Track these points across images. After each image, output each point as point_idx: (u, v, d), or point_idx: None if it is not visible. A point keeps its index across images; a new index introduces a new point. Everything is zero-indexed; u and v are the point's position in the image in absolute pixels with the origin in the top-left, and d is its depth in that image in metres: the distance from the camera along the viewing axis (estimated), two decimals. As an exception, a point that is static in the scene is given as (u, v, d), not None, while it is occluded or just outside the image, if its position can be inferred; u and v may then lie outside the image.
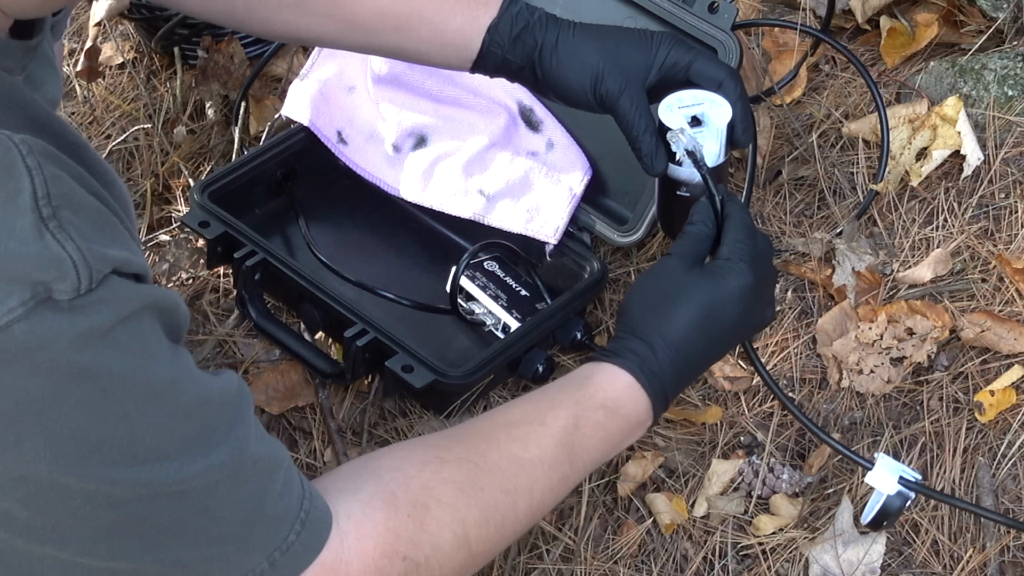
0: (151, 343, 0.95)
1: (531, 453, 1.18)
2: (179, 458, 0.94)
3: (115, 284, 0.91)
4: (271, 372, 1.66)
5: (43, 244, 0.88)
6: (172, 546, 0.96)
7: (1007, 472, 1.54)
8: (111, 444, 0.91)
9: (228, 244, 1.63)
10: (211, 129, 1.92)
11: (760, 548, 1.52)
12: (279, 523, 1.01)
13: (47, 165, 0.90)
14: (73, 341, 0.89)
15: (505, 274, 1.66)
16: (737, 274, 1.27)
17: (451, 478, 1.12)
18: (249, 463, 1.00)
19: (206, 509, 0.97)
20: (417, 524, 1.08)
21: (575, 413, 1.23)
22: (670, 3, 1.66)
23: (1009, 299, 1.63)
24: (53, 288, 0.88)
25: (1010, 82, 1.76)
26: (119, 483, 0.92)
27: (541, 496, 1.19)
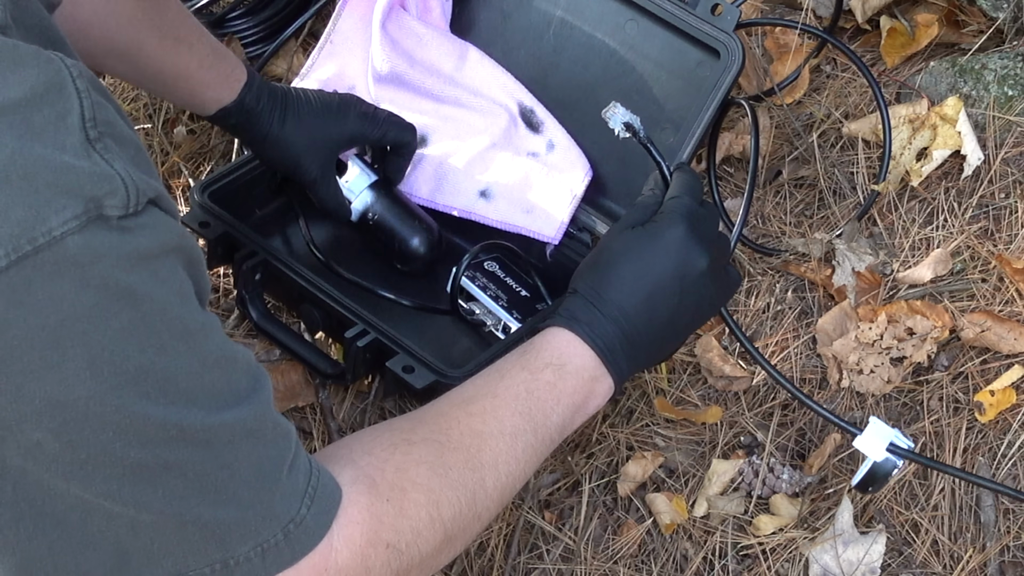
0: (185, 286, 0.96)
1: (490, 426, 1.19)
2: (205, 405, 0.95)
3: (156, 214, 0.93)
4: (272, 372, 1.66)
5: (93, 161, 0.89)
6: (194, 500, 0.97)
7: (1007, 472, 1.54)
8: (147, 376, 0.92)
9: (228, 244, 1.63)
10: (211, 129, 1.92)
11: (760, 548, 1.52)
12: (293, 494, 1.02)
13: (94, 92, 0.92)
14: (121, 260, 0.90)
15: (506, 275, 1.66)
16: (668, 224, 1.31)
17: (421, 459, 1.13)
18: (270, 425, 1.01)
19: (228, 464, 0.97)
20: (397, 508, 1.08)
21: (524, 378, 1.24)
22: (672, 4, 1.66)
23: (1009, 299, 1.63)
24: (104, 204, 0.89)
25: (1010, 82, 1.76)
26: (151, 420, 0.93)
27: (507, 468, 1.19)
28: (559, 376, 1.26)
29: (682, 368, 1.66)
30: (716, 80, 1.62)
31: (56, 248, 0.87)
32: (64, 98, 0.90)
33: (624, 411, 1.64)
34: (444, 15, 1.80)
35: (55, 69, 0.91)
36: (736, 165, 1.81)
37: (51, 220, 0.87)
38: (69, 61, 0.92)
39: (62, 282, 0.88)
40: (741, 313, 1.69)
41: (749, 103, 1.69)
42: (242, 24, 1.98)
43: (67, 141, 0.89)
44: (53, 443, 0.92)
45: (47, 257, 0.87)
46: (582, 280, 1.32)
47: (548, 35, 1.76)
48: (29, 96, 0.89)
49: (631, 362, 1.30)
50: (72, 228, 0.87)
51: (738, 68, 1.61)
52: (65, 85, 0.91)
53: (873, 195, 1.73)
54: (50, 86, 0.90)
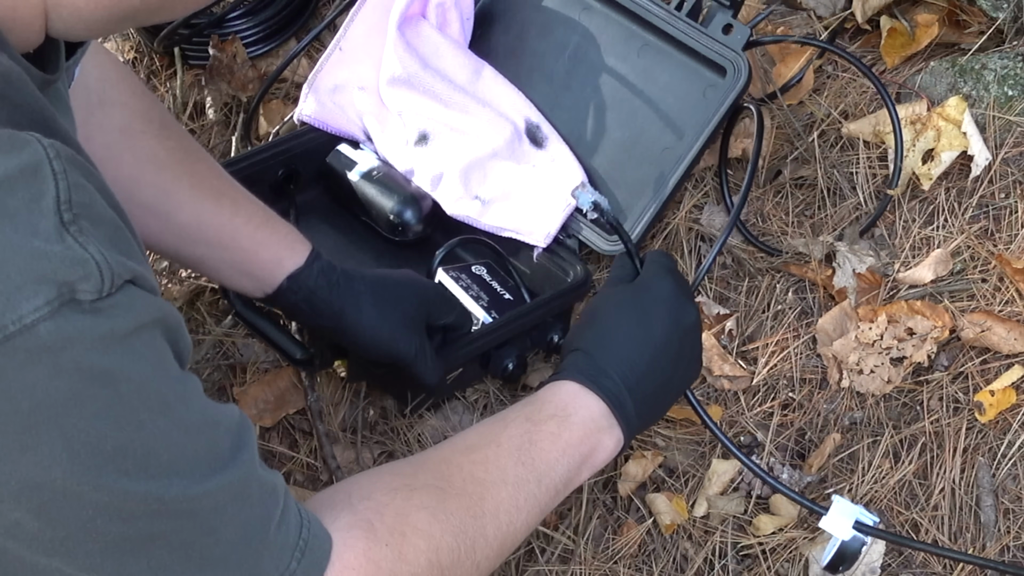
0: (164, 357, 0.95)
1: (492, 475, 1.19)
2: (188, 476, 0.94)
3: (133, 292, 0.92)
4: (258, 384, 1.67)
5: (65, 245, 0.88)
6: (179, 569, 0.96)
7: (1007, 472, 1.53)
8: (126, 454, 0.91)
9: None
10: (211, 129, 1.92)
11: (760, 548, 1.52)
12: (282, 550, 1.01)
13: (72, 172, 0.90)
14: (95, 343, 0.88)
15: (492, 278, 1.67)
16: (657, 278, 1.35)
17: (422, 504, 1.12)
18: (255, 486, 1.00)
19: (213, 530, 0.97)
20: (396, 553, 1.08)
21: (527, 429, 1.24)
22: (685, 25, 1.69)
23: (1009, 299, 1.63)
24: (77, 288, 0.87)
25: (1010, 82, 1.76)
26: (131, 496, 0.92)
27: (508, 517, 1.19)
28: (563, 427, 1.25)
29: (681, 368, 1.66)
30: (721, 97, 1.66)
31: (27, 335, 0.86)
32: (39, 180, 0.88)
33: (624, 411, 1.64)
34: (464, 32, 1.81)
35: (31, 151, 0.89)
36: (736, 167, 1.81)
37: (22, 307, 0.85)
38: (47, 142, 0.90)
39: (34, 369, 0.86)
40: (741, 313, 1.69)
41: (755, 105, 1.71)
42: (242, 24, 1.98)
43: (40, 225, 0.87)
44: (32, 522, 0.91)
45: (18, 344, 0.85)
46: (580, 338, 1.33)
47: (563, 59, 1.80)
48: (2, 180, 0.87)
49: (640, 414, 1.30)
50: (44, 315, 0.86)
51: (743, 85, 1.65)
52: (40, 167, 0.88)
53: (886, 200, 1.72)
54: (24, 168, 0.88)
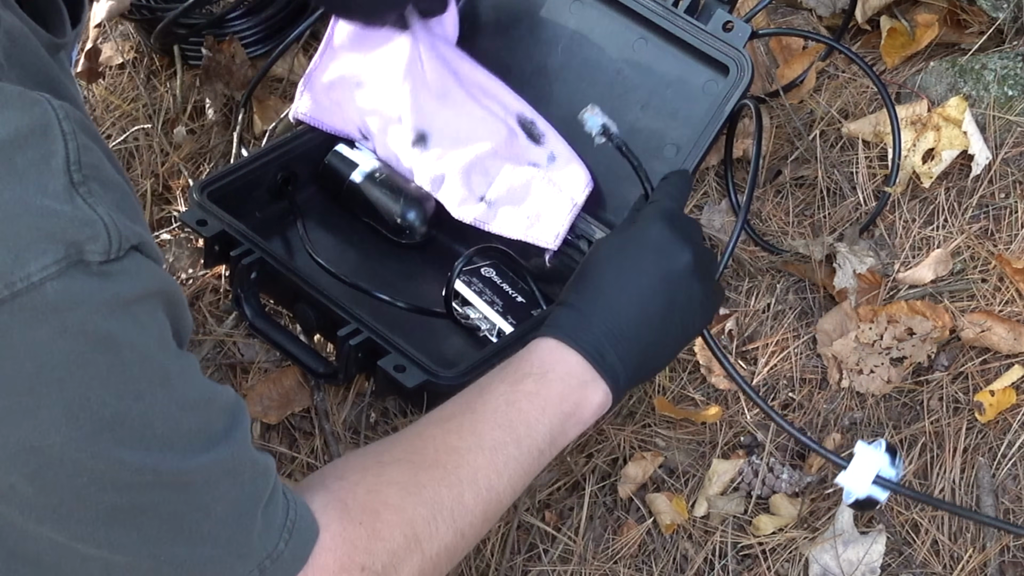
0: (164, 330, 0.96)
1: (467, 441, 1.17)
2: (182, 450, 0.95)
3: (138, 259, 0.92)
4: (264, 382, 1.66)
5: (75, 205, 0.88)
6: (168, 541, 0.96)
7: (1007, 472, 1.53)
8: (124, 422, 0.91)
9: (226, 242, 1.63)
10: (211, 129, 1.92)
11: (760, 548, 1.52)
12: (270, 530, 1.01)
13: (81, 135, 0.91)
14: (100, 306, 0.89)
15: (502, 280, 1.67)
16: (646, 224, 1.29)
17: (393, 480, 1.12)
18: (247, 465, 1.01)
19: (204, 505, 0.97)
20: (370, 531, 1.08)
21: (503, 391, 1.22)
22: (684, 21, 1.67)
23: (1009, 299, 1.63)
24: (85, 249, 0.88)
25: (1010, 82, 1.76)
26: (126, 465, 0.92)
27: (488, 482, 1.17)
28: (541, 384, 1.23)
29: (682, 367, 1.66)
30: (724, 96, 1.64)
31: (34, 294, 0.86)
32: (49, 140, 0.89)
33: (624, 411, 1.64)
34: (452, 25, 1.80)
35: (41, 111, 0.89)
36: (736, 166, 1.81)
37: (30, 265, 0.86)
38: (56, 103, 0.90)
39: (40, 328, 0.87)
40: (741, 313, 1.69)
41: (755, 103, 1.70)
42: (242, 24, 1.98)
43: (50, 184, 0.88)
44: (27, 487, 0.91)
45: (25, 303, 0.86)
46: (567, 291, 1.31)
47: (556, 51, 1.78)
48: (12, 137, 0.87)
49: (628, 366, 1.26)
50: (51, 274, 0.86)
51: (746, 84, 1.63)
52: (50, 127, 0.89)
53: (885, 198, 1.72)
54: (35, 127, 0.89)
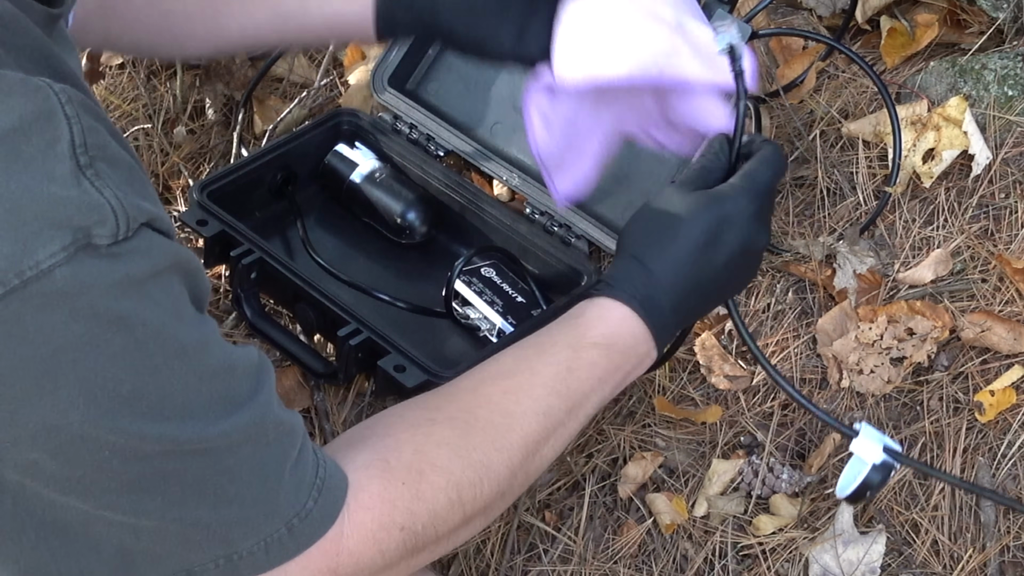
0: (180, 302, 0.96)
1: (523, 405, 1.15)
2: (203, 417, 0.95)
3: (149, 236, 0.92)
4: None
5: (82, 190, 0.89)
6: (193, 505, 0.97)
7: (1007, 472, 1.53)
8: (142, 397, 0.92)
9: (225, 243, 1.63)
10: (211, 129, 1.92)
11: (760, 548, 1.52)
12: (298, 489, 1.02)
13: (85, 116, 0.91)
14: (111, 287, 0.89)
15: (502, 280, 1.67)
16: (745, 196, 1.21)
17: (443, 440, 1.11)
18: (271, 426, 1.00)
19: (228, 469, 0.98)
20: (413, 492, 1.07)
21: (567, 356, 1.18)
22: None
23: (1009, 299, 1.63)
24: (93, 233, 0.88)
25: (1010, 82, 1.76)
26: (147, 437, 0.93)
27: (538, 447, 1.15)
28: (605, 355, 1.19)
29: (682, 367, 1.66)
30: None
31: (44, 280, 0.87)
32: (53, 125, 0.89)
33: (624, 411, 1.64)
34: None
35: (43, 96, 0.90)
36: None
37: (39, 253, 0.87)
38: (58, 87, 0.91)
39: (52, 314, 0.87)
40: (741, 313, 1.69)
41: (755, 103, 1.70)
42: (242, 25, 1.98)
43: (56, 170, 0.88)
44: (50, 462, 0.92)
45: (35, 290, 0.87)
46: (642, 243, 1.21)
47: None
48: (17, 125, 0.88)
49: (677, 330, 1.24)
50: (60, 260, 0.87)
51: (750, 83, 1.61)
52: (54, 112, 0.89)
53: (886, 198, 1.72)
54: (39, 114, 0.89)
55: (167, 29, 1.38)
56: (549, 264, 1.69)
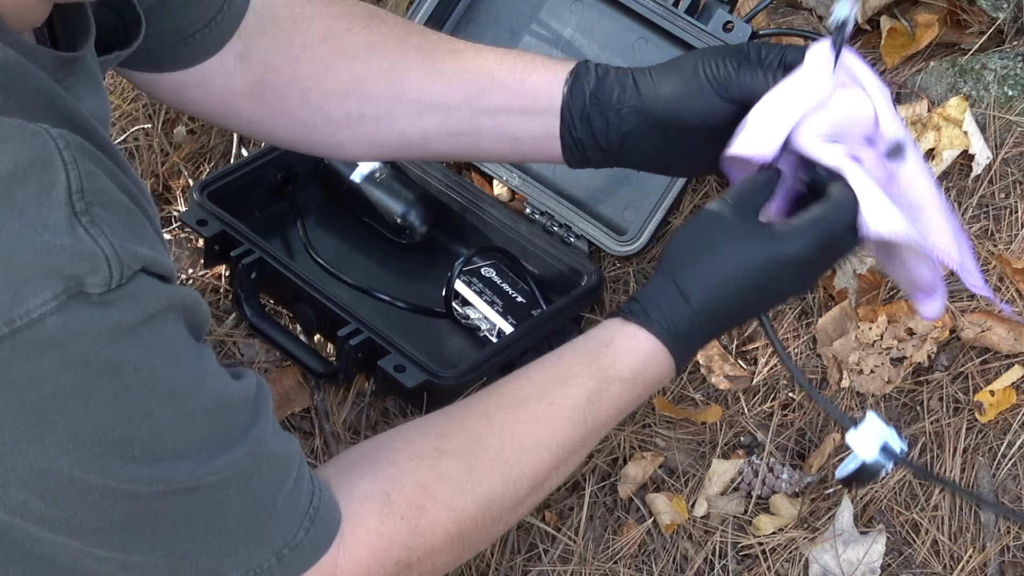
0: (174, 343, 0.95)
1: (537, 436, 1.12)
2: (196, 457, 0.95)
3: (143, 282, 0.92)
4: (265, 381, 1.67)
5: (76, 237, 0.88)
6: (183, 540, 0.97)
7: (1007, 472, 1.53)
8: (132, 442, 0.92)
9: (225, 243, 1.63)
10: (211, 129, 1.92)
11: (760, 548, 1.52)
12: (289, 519, 1.01)
13: (83, 160, 0.90)
14: (102, 335, 0.89)
15: (502, 280, 1.67)
16: (804, 244, 1.13)
17: (448, 474, 1.09)
18: (264, 461, 1.00)
19: (218, 504, 0.97)
20: (411, 527, 1.06)
21: (589, 389, 1.13)
22: (684, 21, 1.66)
23: (1009, 299, 1.63)
24: (85, 281, 0.88)
25: (1010, 82, 1.76)
26: (137, 480, 0.92)
27: (547, 478, 1.14)
28: (628, 390, 1.15)
29: (681, 367, 1.66)
30: None
31: (35, 329, 0.86)
32: (49, 171, 0.88)
33: (624, 411, 1.64)
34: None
35: (40, 142, 0.89)
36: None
37: (29, 301, 0.86)
38: (55, 132, 0.90)
39: (41, 362, 0.87)
40: (741, 313, 1.69)
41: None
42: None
43: (50, 217, 0.87)
44: (39, 503, 0.92)
45: (25, 338, 0.86)
46: (683, 269, 1.15)
47: (556, 51, 1.77)
48: (12, 171, 0.87)
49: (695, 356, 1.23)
50: (51, 308, 0.86)
51: None
52: (51, 158, 0.88)
53: None
54: (34, 160, 0.88)
55: (327, 132, 1.30)
56: (549, 264, 1.69)
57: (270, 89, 1.29)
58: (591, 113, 1.23)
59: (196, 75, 1.27)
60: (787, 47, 1.21)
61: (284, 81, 1.28)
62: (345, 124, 1.29)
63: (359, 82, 1.27)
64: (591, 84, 1.23)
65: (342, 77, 1.27)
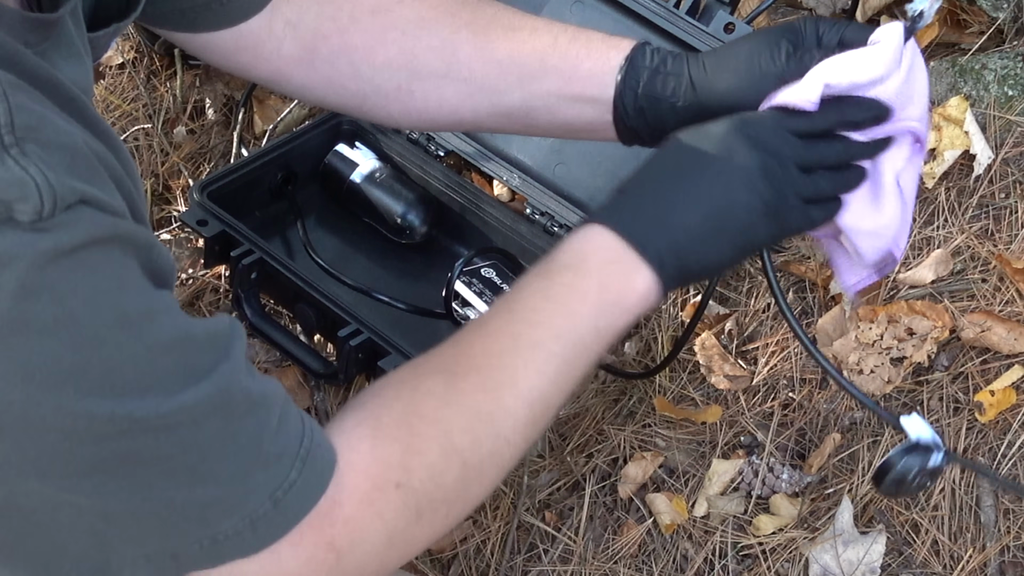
0: (122, 272, 0.91)
1: (503, 343, 1.10)
2: (160, 392, 0.91)
3: (83, 211, 0.88)
4: (265, 380, 1.67)
5: (5, 167, 0.85)
6: (161, 485, 0.93)
7: (1007, 472, 1.53)
8: (85, 372, 0.88)
9: (226, 243, 1.63)
10: (211, 129, 1.92)
11: (760, 548, 1.52)
12: (278, 461, 0.97)
13: (16, 96, 0.87)
14: (36, 258, 0.85)
15: (502, 281, 1.67)
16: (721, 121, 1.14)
17: (430, 390, 1.07)
18: (240, 398, 0.96)
19: (195, 445, 0.93)
20: (404, 446, 1.03)
21: (540, 286, 1.11)
22: (685, 23, 1.67)
23: (1009, 299, 1.63)
24: (14, 208, 0.85)
25: (1010, 82, 1.76)
26: (97, 416, 0.89)
27: (529, 383, 1.09)
28: (578, 275, 1.11)
29: (682, 367, 1.66)
30: None
31: None
32: None
33: (624, 411, 1.64)
34: None
35: None
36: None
37: None
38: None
39: None
40: (741, 313, 1.69)
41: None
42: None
43: None
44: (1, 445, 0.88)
45: None
46: (625, 179, 1.16)
47: None
48: None
49: (676, 255, 1.12)
50: None
51: None
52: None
53: None
54: None
55: (377, 103, 1.30)
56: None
57: (320, 58, 1.29)
58: (644, 106, 1.22)
59: (245, 39, 1.27)
60: (848, 23, 1.19)
61: (333, 50, 1.28)
62: (395, 97, 1.29)
63: (408, 57, 1.27)
64: (645, 77, 1.21)
65: (391, 51, 1.27)
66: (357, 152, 1.77)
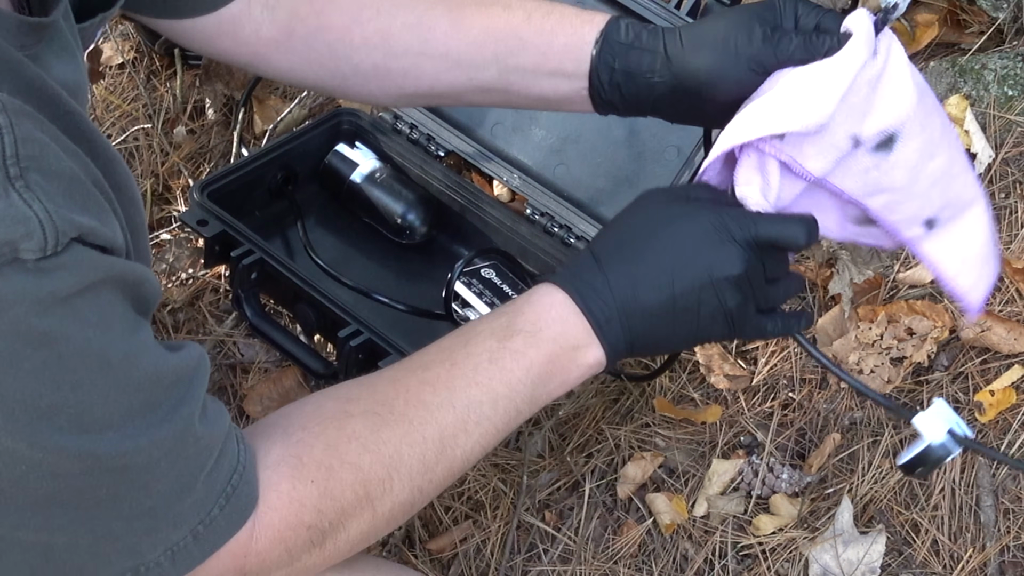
0: (109, 315, 0.94)
1: (440, 397, 1.10)
2: (121, 428, 0.94)
3: (79, 251, 0.91)
4: (264, 382, 1.66)
5: (9, 202, 0.87)
6: (106, 519, 0.97)
7: (1007, 472, 1.53)
8: (61, 411, 0.91)
9: (226, 243, 1.63)
10: (211, 129, 1.92)
11: (760, 548, 1.52)
12: (206, 497, 1.01)
13: (22, 124, 0.89)
14: (35, 304, 0.88)
15: (502, 282, 1.67)
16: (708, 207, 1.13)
17: (355, 434, 1.08)
18: (191, 442, 1.00)
19: (144, 484, 0.97)
20: (321, 490, 1.06)
21: (489, 346, 1.11)
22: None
23: (1009, 299, 1.63)
24: (20, 247, 0.87)
25: (1010, 82, 1.76)
26: (65, 452, 0.92)
27: (455, 440, 1.11)
28: (531, 343, 1.12)
29: (682, 367, 1.66)
30: None
31: None
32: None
33: (624, 411, 1.64)
34: None
35: None
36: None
37: None
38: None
39: None
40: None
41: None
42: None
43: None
44: None
45: None
46: (598, 238, 1.16)
47: None
48: None
49: (631, 339, 1.13)
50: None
51: None
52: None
53: None
54: None
55: (357, 82, 1.33)
56: (549, 265, 1.69)
57: (298, 39, 1.31)
58: (620, 82, 1.23)
59: (225, 24, 1.28)
60: (825, 11, 1.20)
61: (311, 31, 1.30)
62: (374, 76, 1.31)
63: (384, 36, 1.29)
64: (621, 52, 1.22)
65: (367, 30, 1.29)
66: (357, 152, 1.77)
